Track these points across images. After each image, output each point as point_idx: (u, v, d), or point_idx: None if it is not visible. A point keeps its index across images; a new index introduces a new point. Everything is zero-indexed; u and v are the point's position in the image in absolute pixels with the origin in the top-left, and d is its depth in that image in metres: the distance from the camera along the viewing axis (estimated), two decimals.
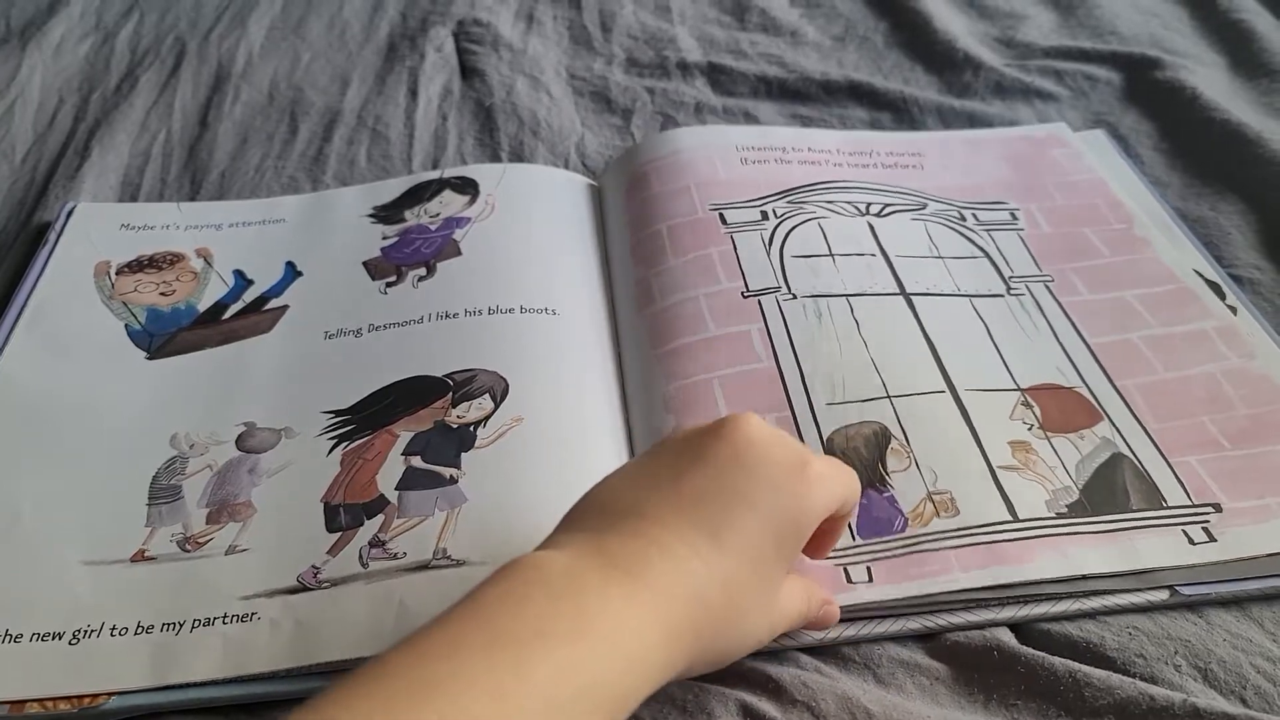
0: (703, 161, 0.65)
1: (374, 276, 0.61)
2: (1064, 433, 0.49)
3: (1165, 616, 0.44)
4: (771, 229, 0.60)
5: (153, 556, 0.46)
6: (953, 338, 0.54)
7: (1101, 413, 0.50)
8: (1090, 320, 0.55)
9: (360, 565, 0.45)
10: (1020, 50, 0.81)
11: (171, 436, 0.52)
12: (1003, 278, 0.58)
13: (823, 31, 0.85)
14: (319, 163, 0.73)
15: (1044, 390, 0.51)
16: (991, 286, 0.57)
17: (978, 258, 0.59)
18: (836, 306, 0.55)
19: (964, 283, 0.57)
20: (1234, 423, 0.49)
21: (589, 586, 0.33)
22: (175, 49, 0.84)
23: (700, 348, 0.53)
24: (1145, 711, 0.39)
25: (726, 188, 0.63)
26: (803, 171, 0.65)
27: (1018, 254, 0.59)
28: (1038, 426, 0.50)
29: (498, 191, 0.65)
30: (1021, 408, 0.50)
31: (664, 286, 0.57)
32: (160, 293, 0.61)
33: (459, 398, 0.52)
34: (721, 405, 0.50)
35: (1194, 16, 0.83)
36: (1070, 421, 0.50)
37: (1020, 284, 0.57)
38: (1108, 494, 0.46)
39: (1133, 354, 0.53)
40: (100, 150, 0.72)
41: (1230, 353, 0.52)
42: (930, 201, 0.63)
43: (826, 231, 0.60)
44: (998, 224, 0.61)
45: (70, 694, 0.41)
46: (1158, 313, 0.55)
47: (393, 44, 0.85)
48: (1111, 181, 0.65)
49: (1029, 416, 0.50)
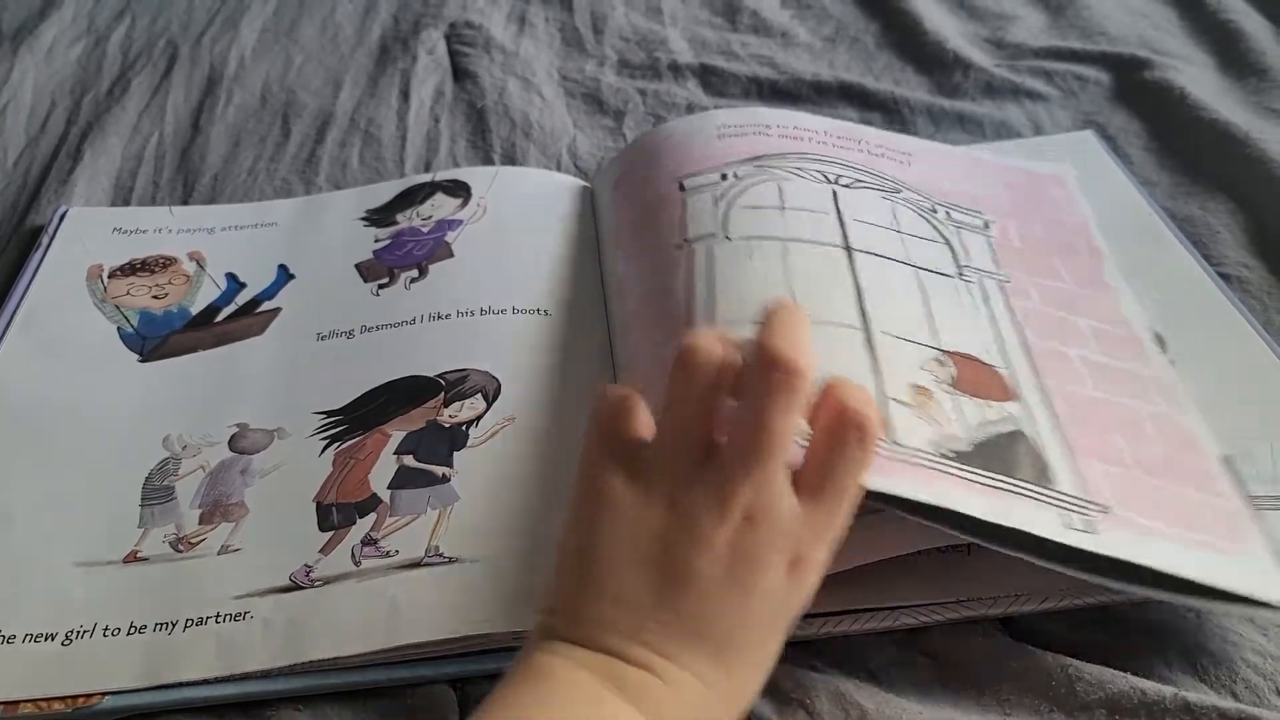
0: (680, 147, 0.62)
1: (366, 279, 0.61)
2: (974, 396, 0.46)
3: (1156, 611, 0.44)
4: (726, 188, 0.56)
5: (145, 557, 0.46)
6: (885, 293, 0.50)
7: (1017, 394, 0.47)
8: (1035, 324, 0.52)
9: (353, 564, 0.45)
10: (1010, 51, 0.81)
11: (164, 438, 0.52)
12: (958, 264, 0.55)
13: (813, 33, 0.85)
14: (311, 165, 0.73)
15: (964, 358, 0.48)
16: (943, 267, 0.54)
17: (937, 243, 0.56)
18: (771, 249, 0.52)
19: (915, 256, 0.54)
20: (1148, 453, 0.46)
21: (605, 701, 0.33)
22: (167, 52, 0.85)
23: (645, 323, 0.52)
24: (1137, 706, 0.39)
25: (697, 161, 0.60)
26: (780, 144, 0.61)
27: (980, 252, 0.56)
28: (948, 384, 0.46)
29: (489, 194, 0.65)
30: (935, 364, 0.47)
31: (634, 275, 0.56)
32: (153, 296, 0.61)
33: (451, 397, 0.52)
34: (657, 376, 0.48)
35: (1183, 17, 0.84)
36: (981, 389, 0.46)
37: (974, 274, 0.54)
38: (998, 457, 0.43)
39: (1066, 366, 0.50)
40: (92, 153, 0.72)
41: (1162, 401, 0.49)
42: (905, 190, 0.60)
43: (784, 191, 0.56)
44: (969, 225, 0.59)
45: (64, 694, 0.41)
46: (1102, 343, 0.52)
47: (385, 46, 0.86)
48: (1095, 229, 0.61)
49: (941, 373, 0.47)
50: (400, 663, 0.42)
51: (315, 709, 0.42)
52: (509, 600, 0.43)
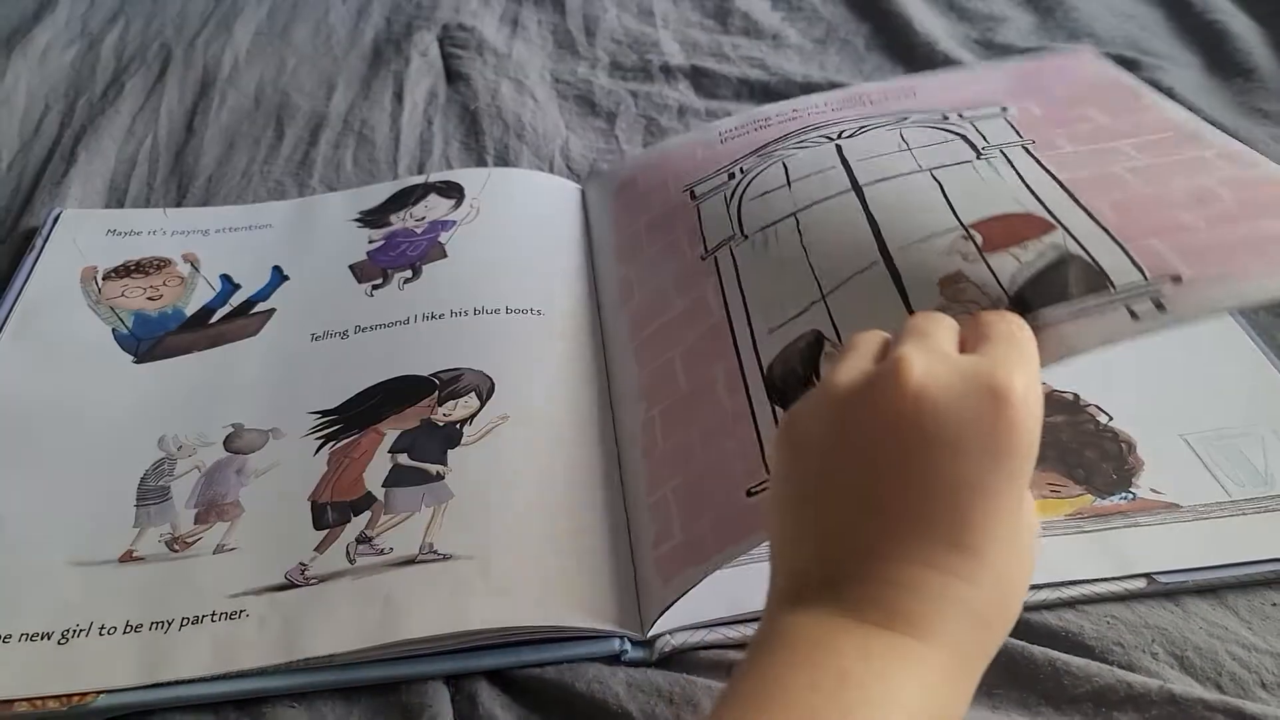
0: (685, 156, 0.63)
1: (360, 279, 0.61)
2: (1005, 248, 0.43)
3: (1143, 605, 0.44)
4: (735, 184, 0.56)
5: (141, 557, 0.47)
6: (900, 211, 0.47)
7: (1056, 224, 0.44)
8: (1070, 163, 0.48)
9: (348, 561, 0.46)
10: (999, 51, 0.82)
11: (159, 438, 0.52)
12: (974, 148, 0.51)
13: (804, 34, 0.86)
14: (305, 167, 0.73)
15: (991, 220, 0.45)
16: (959, 156, 0.50)
17: (951, 141, 0.52)
18: (784, 229, 0.51)
19: (926, 160, 0.50)
20: (1217, 208, 0.43)
21: (846, 652, 0.28)
22: (161, 55, 0.85)
23: (667, 328, 0.53)
24: (1123, 698, 0.40)
25: (702, 166, 0.60)
26: (780, 129, 0.60)
27: (999, 132, 0.52)
28: (975, 254, 0.43)
29: (482, 195, 0.66)
30: (960, 240, 0.44)
31: (641, 279, 0.57)
32: (147, 297, 0.61)
33: (445, 396, 0.52)
34: (681, 379, 0.49)
35: (1170, 18, 0.84)
36: (1014, 235, 0.43)
37: (994, 149, 0.50)
38: (1042, 289, 0.40)
39: (1112, 181, 0.46)
40: (86, 156, 0.73)
41: (1230, 166, 0.46)
42: (913, 114, 0.56)
43: (789, 168, 0.54)
44: (984, 115, 0.54)
45: (59, 693, 0.42)
46: (1149, 153, 0.48)
47: (378, 49, 0.86)
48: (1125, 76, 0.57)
49: (967, 248, 0.44)
50: (395, 659, 0.43)
51: (310, 706, 0.42)
52: (503, 597, 0.43)
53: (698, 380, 0.48)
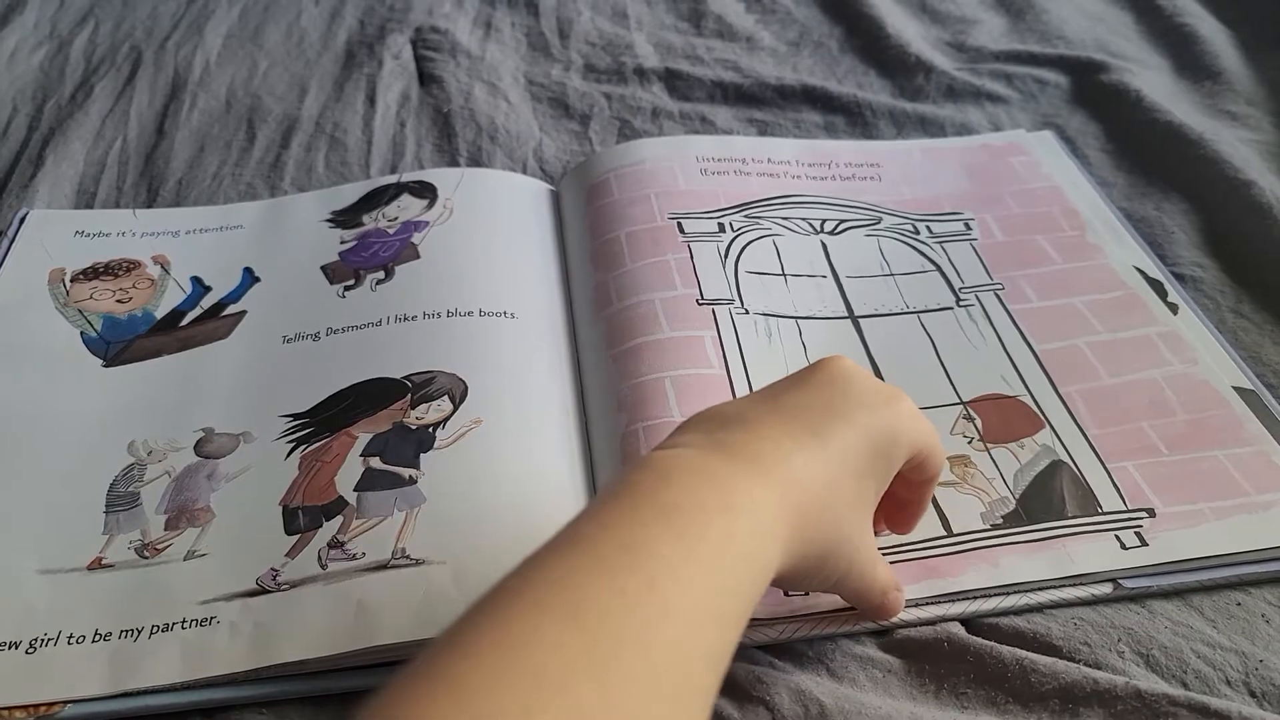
0: (664, 171, 0.65)
1: (332, 280, 0.61)
2: (1004, 442, 0.51)
3: (1110, 608, 0.45)
4: (728, 242, 0.61)
5: (110, 564, 0.46)
6: (898, 356, 0.55)
7: (1043, 420, 0.51)
8: (1038, 327, 0.56)
9: (319, 566, 0.45)
10: (971, 54, 0.82)
11: (129, 444, 0.52)
12: (952, 289, 0.59)
13: (778, 37, 0.86)
14: (277, 170, 0.73)
15: (987, 401, 0.53)
16: (940, 299, 0.59)
17: (929, 271, 0.60)
18: (786, 328, 0.56)
19: (912, 298, 0.59)
20: (1173, 428, 0.50)
21: (719, 471, 0.35)
22: (131, 57, 0.84)
23: (654, 348, 0.54)
24: (1089, 695, 0.40)
25: (686, 198, 0.64)
26: (761, 184, 0.66)
27: (969, 264, 0.61)
28: (978, 439, 0.51)
29: (456, 196, 0.66)
30: (963, 421, 0.52)
31: (621, 289, 0.58)
32: (116, 300, 0.60)
33: (418, 399, 0.52)
34: (673, 403, 0.51)
35: (1139, 21, 0.85)
36: (1011, 430, 0.51)
37: (970, 294, 0.59)
38: (1044, 502, 0.48)
39: (1078, 360, 0.54)
40: (55, 159, 0.72)
41: (1173, 359, 0.54)
42: (885, 215, 0.64)
43: (780, 250, 0.61)
44: (951, 235, 0.63)
45: (26, 703, 0.41)
46: (1104, 319, 0.56)
47: (350, 51, 0.86)
48: (1067, 188, 0.66)
49: (970, 430, 0.51)
50: (366, 667, 0.42)
51: (280, 714, 0.42)
52: None
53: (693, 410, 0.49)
